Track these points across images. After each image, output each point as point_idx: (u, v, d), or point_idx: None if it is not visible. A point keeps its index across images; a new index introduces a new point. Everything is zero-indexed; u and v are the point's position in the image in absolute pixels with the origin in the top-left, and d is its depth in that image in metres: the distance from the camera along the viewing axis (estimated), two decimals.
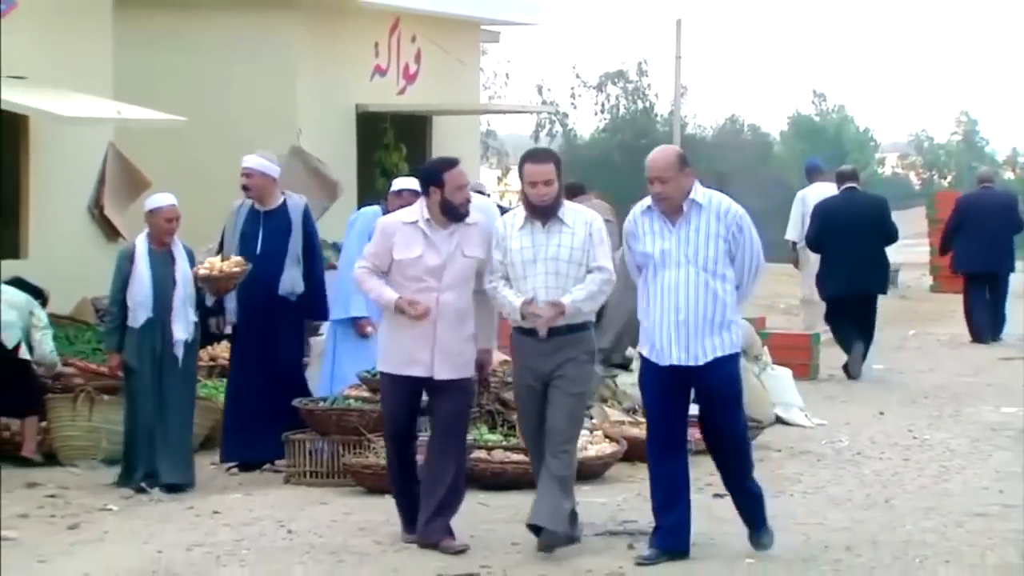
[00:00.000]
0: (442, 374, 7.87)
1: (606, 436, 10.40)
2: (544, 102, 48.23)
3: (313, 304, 10.27)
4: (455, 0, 17.48)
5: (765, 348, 13.04)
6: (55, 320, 11.24)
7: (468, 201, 7.88)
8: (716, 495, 9.52)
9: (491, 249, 7.89)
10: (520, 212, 7.87)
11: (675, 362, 7.54)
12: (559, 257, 7.71)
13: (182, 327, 9.58)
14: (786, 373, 12.78)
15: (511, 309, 7.75)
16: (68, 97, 12.14)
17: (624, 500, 9.33)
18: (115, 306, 9.64)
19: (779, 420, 12.10)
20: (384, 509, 8.56)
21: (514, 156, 48.78)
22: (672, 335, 7.51)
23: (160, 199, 9.75)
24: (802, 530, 8.54)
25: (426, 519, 7.91)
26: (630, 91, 51.41)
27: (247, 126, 14.86)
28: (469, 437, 10.24)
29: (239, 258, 9.92)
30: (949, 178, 58.19)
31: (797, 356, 14.01)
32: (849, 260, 14.37)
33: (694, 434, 10.73)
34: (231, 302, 10.06)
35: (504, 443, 10.10)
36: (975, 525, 8.66)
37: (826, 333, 15.31)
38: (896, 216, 15.37)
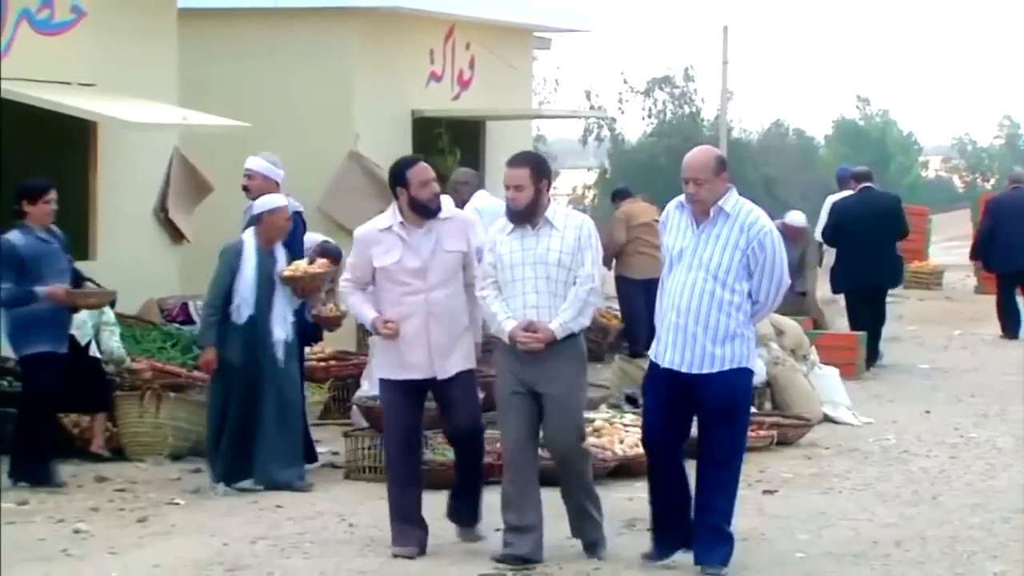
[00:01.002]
0: (444, 372, 7.71)
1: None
2: (592, 107, 48.27)
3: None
4: (509, 8, 17.53)
5: (813, 348, 13.06)
6: (122, 320, 11.32)
7: (436, 195, 7.70)
8: (766, 491, 9.58)
9: (473, 240, 7.77)
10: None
11: (669, 365, 7.23)
12: (547, 261, 7.44)
13: (281, 327, 9.41)
14: (833, 372, 12.80)
15: (499, 329, 7.48)
16: (135, 103, 12.21)
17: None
18: (219, 300, 9.35)
19: (827, 418, 12.11)
20: (441, 505, 8.61)
21: (563, 160, 48.92)
22: (670, 337, 7.22)
23: (277, 199, 9.56)
24: (851, 526, 8.55)
25: (449, 509, 7.99)
26: (677, 96, 51.39)
27: (306, 132, 14.93)
28: None
29: (324, 260, 9.85)
30: (992, 181, 57.84)
31: (844, 355, 14.01)
32: (863, 255, 14.76)
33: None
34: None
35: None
36: (1021, 521, 8.65)
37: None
38: (940, 219, 15.53)
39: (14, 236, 9.29)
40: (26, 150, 11.83)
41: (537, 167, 7.53)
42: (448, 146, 16.78)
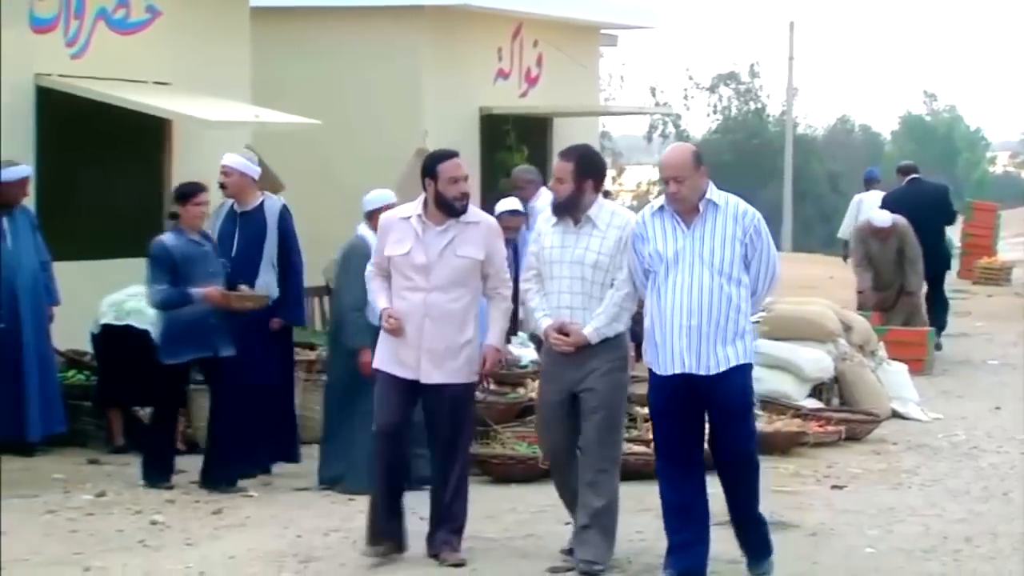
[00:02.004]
0: (429, 378, 7.30)
1: None
2: (657, 104, 48.22)
3: (286, 307, 9.64)
4: (576, 5, 17.55)
5: (881, 344, 13.00)
6: None
7: (464, 195, 7.30)
8: (835, 486, 9.55)
9: (496, 249, 7.42)
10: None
11: (684, 370, 6.83)
12: (584, 262, 7.15)
13: None
14: (902, 368, 12.74)
15: (536, 326, 7.36)
16: (209, 102, 12.31)
17: None
18: (363, 301, 8.64)
19: (895, 414, 12.06)
20: (510, 498, 8.66)
21: (628, 156, 48.87)
22: (684, 341, 6.81)
23: (388, 195, 9.44)
24: (921, 521, 8.51)
25: (430, 531, 7.50)
26: (742, 92, 51.25)
27: (375, 129, 15.03)
28: None
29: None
30: None
31: (912, 351, 13.94)
32: None
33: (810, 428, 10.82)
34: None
35: (624, 435, 10.15)
36: None
37: None
38: (1009, 215, 15.67)
39: (167, 238, 9.21)
40: (102, 148, 11.97)
41: (582, 163, 7.24)
42: (515, 143, 16.82)
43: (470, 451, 7.65)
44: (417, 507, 7.69)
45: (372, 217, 9.26)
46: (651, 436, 9.85)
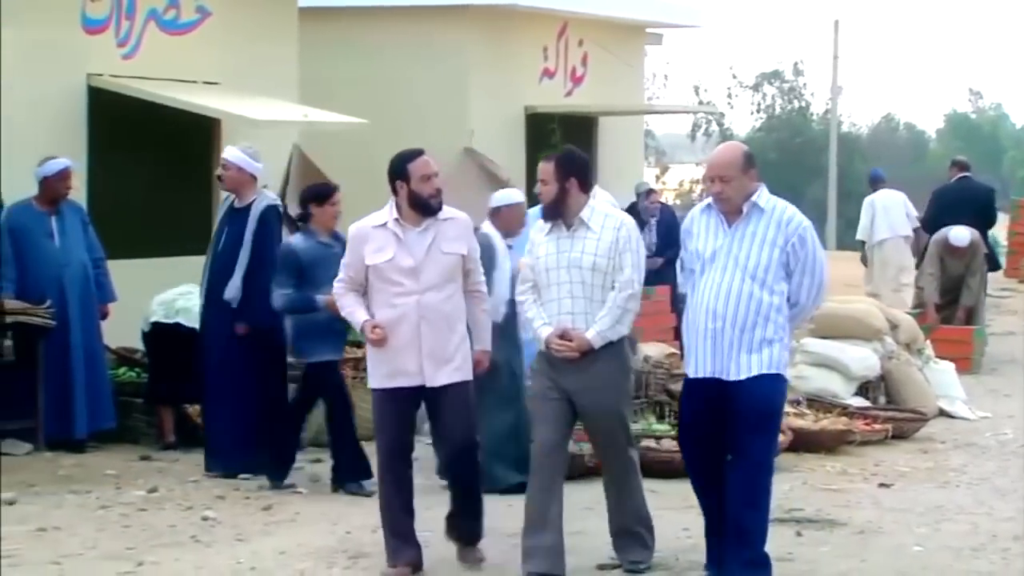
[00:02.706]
0: (434, 381, 7.11)
1: None
2: (700, 102, 48.09)
3: (248, 310, 9.36)
4: (622, 4, 17.56)
5: (928, 342, 12.96)
6: None
7: (438, 192, 7.11)
8: (882, 484, 9.52)
9: (474, 243, 7.28)
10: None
11: (706, 374, 6.66)
12: (581, 265, 6.96)
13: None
14: (949, 367, 12.69)
15: (535, 336, 7.10)
16: (257, 101, 12.37)
17: (791, 489, 9.33)
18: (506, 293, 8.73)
19: (943, 413, 12.01)
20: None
21: (671, 155, 48.78)
22: (707, 344, 6.65)
23: (515, 194, 9.42)
24: (969, 520, 8.48)
25: (447, 528, 7.42)
26: (786, 91, 51.04)
27: (422, 128, 15.04)
28: (637, 427, 10.33)
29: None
30: None
31: (959, 350, 13.89)
32: None
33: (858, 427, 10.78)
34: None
35: (672, 433, 10.15)
36: None
37: None
38: None
39: (295, 240, 9.11)
40: (152, 148, 12.05)
41: (563, 162, 7.06)
42: (560, 142, 16.82)
43: (475, 443, 7.36)
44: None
45: (496, 215, 9.31)
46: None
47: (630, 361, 7.26)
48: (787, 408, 11.08)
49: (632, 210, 15.16)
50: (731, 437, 6.70)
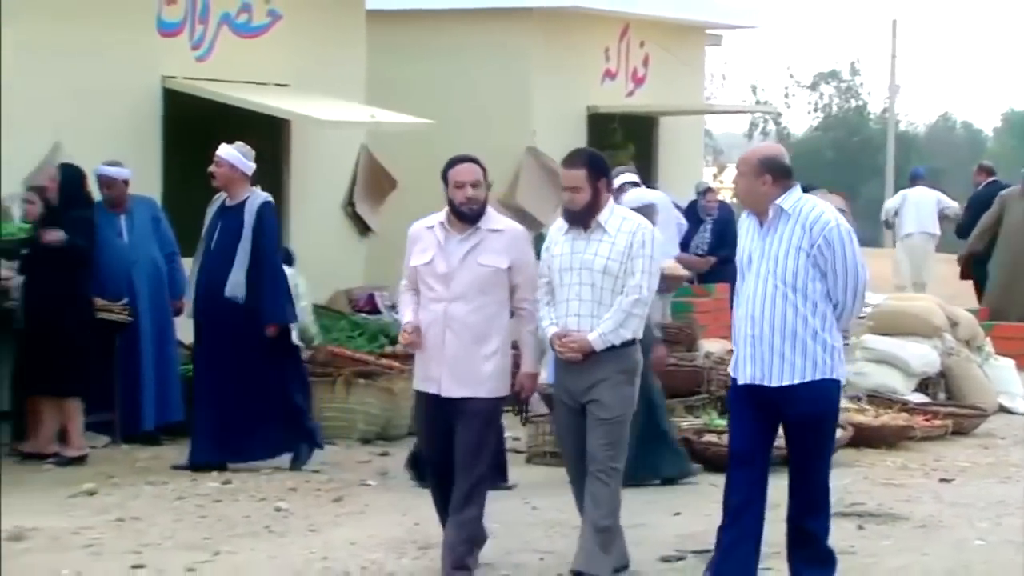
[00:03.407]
0: (449, 391, 6.83)
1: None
2: (757, 101, 47.97)
3: (257, 308, 9.38)
4: (682, 6, 17.56)
5: (988, 339, 12.89)
6: (313, 310, 11.55)
7: (470, 200, 6.80)
8: (943, 479, 9.50)
9: (524, 258, 6.92)
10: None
11: (750, 380, 6.50)
12: (593, 268, 6.75)
13: None
14: (1008, 363, 12.63)
15: (543, 336, 6.91)
16: (326, 102, 12.47)
17: (851, 483, 9.33)
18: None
19: (1003, 409, 11.96)
20: None
21: (728, 154, 48.65)
22: (748, 350, 6.49)
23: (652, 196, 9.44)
24: None
25: (446, 543, 7.06)
26: (843, 90, 50.79)
27: (486, 128, 15.11)
28: (699, 422, 10.35)
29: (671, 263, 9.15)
30: None
31: (1018, 346, 13.78)
32: None
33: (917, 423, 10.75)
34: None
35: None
36: None
37: None
38: None
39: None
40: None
41: (594, 166, 6.81)
42: (622, 141, 16.87)
43: (487, 467, 7.01)
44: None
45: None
46: None
47: (637, 366, 6.94)
48: (848, 404, 11.10)
49: (692, 208, 15.18)
50: (787, 444, 6.57)
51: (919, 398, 11.65)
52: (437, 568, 7.04)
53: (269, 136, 12.64)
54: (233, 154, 9.46)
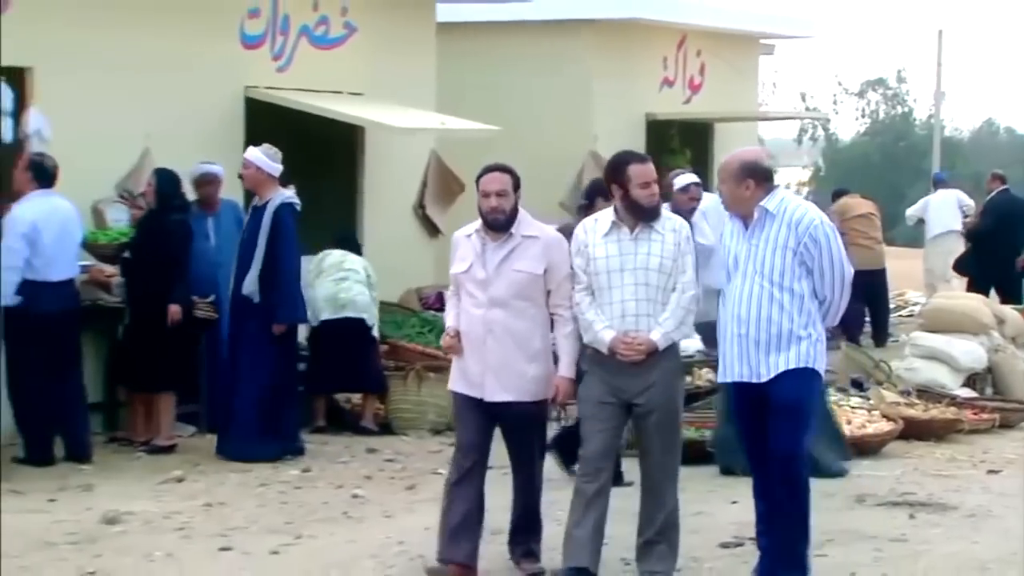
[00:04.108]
0: (495, 396, 6.65)
1: (883, 416, 10.39)
2: (807, 108, 47.69)
3: (270, 307, 9.39)
4: (738, 18, 17.55)
5: None
6: (384, 307, 11.60)
7: (493, 210, 6.59)
8: (990, 471, 9.44)
9: (560, 263, 6.66)
10: (605, 217, 6.65)
11: (738, 379, 6.43)
12: (648, 267, 6.52)
13: None
14: None
15: (596, 339, 6.58)
16: (398, 110, 12.51)
17: (902, 474, 9.31)
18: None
19: None
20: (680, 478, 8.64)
21: (778, 159, 48.45)
22: (735, 350, 6.41)
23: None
24: None
25: (509, 537, 7.01)
26: (889, 97, 50.43)
27: (549, 134, 15.15)
28: None
29: None
30: None
31: None
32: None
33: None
34: None
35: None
36: None
37: None
38: None
39: None
40: (303, 153, 12.24)
41: (655, 166, 6.66)
42: (679, 146, 16.87)
43: (537, 463, 6.91)
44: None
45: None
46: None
47: (681, 363, 6.88)
48: (897, 398, 11.07)
49: None
50: (768, 433, 6.44)
51: (967, 393, 11.58)
52: (505, 552, 7.06)
53: (345, 142, 12.75)
54: (258, 156, 9.47)
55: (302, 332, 10.38)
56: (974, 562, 7.19)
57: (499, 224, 6.61)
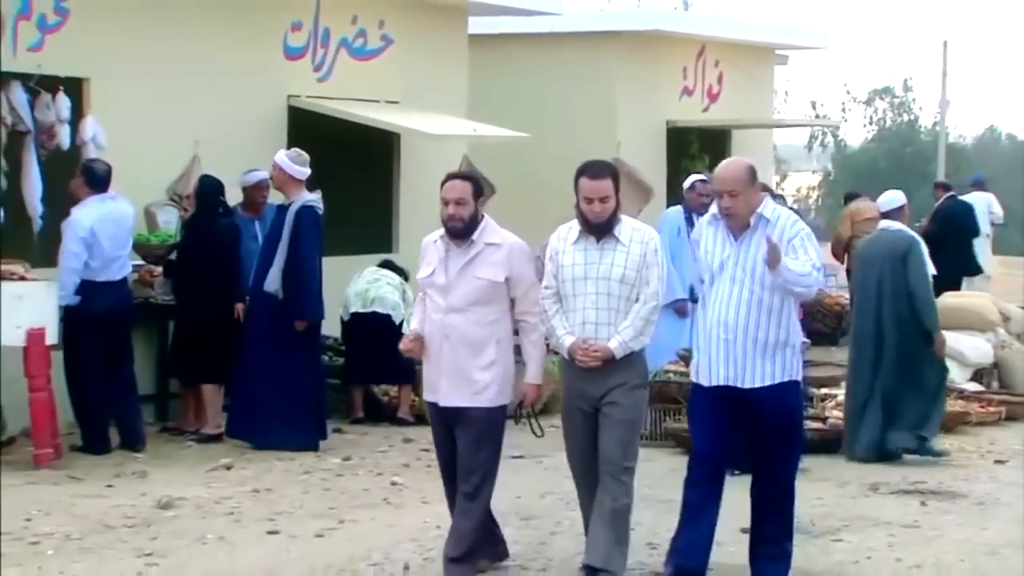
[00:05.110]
0: (447, 401, 6.39)
1: None
2: (816, 116, 47.60)
3: (289, 303, 9.36)
4: (754, 30, 17.54)
5: None
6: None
7: (452, 218, 6.33)
8: (997, 461, 9.41)
9: (524, 271, 6.43)
10: (575, 226, 6.41)
11: (722, 382, 6.18)
12: (610, 277, 6.29)
13: None
14: None
15: (558, 345, 6.42)
16: (432, 117, 12.55)
17: (914, 464, 9.28)
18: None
19: None
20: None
21: (790, 164, 48.36)
22: (721, 354, 6.16)
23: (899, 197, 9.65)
24: None
25: (446, 551, 6.53)
26: (896, 105, 50.27)
27: (574, 140, 15.14)
28: None
29: None
30: None
31: None
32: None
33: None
34: None
35: (811, 413, 10.14)
36: None
37: None
38: None
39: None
40: (342, 159, 12.30)
41: (616, 177, 6.35)
42: (698, 152, 16.87)
43: (488, 475, 6.52)
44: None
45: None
46: (827, 415, 9.97)
47: (647, 372, 6.59)
48: None
49: None
50: (755, 446, 6.26)
51: (974, 387, 11.55)
52: (537, 536, 7.08)
53: (381, 148, 12.78)
54: (283, 159, 9.49)
55: (336, 327, 10.40)
56: (984, 547, 7.18)
57: (457, 231, 6.35)
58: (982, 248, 17.32)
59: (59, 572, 6.56)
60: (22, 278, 8.88)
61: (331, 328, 10.79)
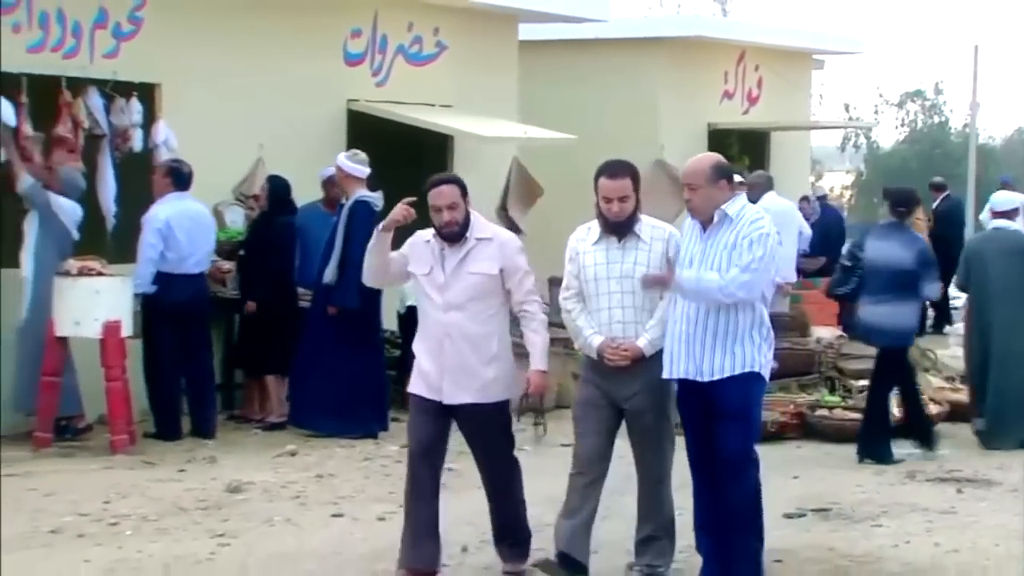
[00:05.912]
0: (452, 398, 6.19)
1: (931, 400, 10.33)
2: (850, 118, 47.37)
3: (335, 292, 9.39)
4: (793, 35, 17.51)
5: None
6: None
7: (446, 224, 6.10)
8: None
9: (517, 263, 6.21)
10: (594, 226, 6.23)
11: (682, 375, 6.02)
12: (633, 275, 6.10)
13: None
14: None
15: (585, 345, 6.22)
16: (484, 121, 12.61)
17: (949, 453, 9.27)
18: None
19: None
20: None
21: (824, 164, 48.12)
22: (683, 347, 5.99)
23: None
24: None
25: (493, 541, 6.52)
26: (927, 108, 49.93)
27: (619, 142, 15.02)
28: (812, 398, 10.32)
29: None
30: None
31: None
32: None
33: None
34: None
35: (842, 403, 10.15)
36: None
37: None
38: None
39: None
40: (398, 160, 12.37)
41: (636, 176, 6.14)
42: (738, 154, 16.84)
43: (510, 463, 6.47)
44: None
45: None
46: (864, 405, 9.96)
47: None
48: (942, 383, 10.99)
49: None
50: (713, 436, 6.03)
51: None
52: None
53: (436, 150, 12.83)
54: (342, 159, 9.63)
55: (393, 320, 10.45)
56: (1018, 532, 7.16)
57: (454, 236, 6.14)
58: None
59: (137, 551, 6.66)
60: (100, 274, 9.01)
61: (388, 321, 10.85)
